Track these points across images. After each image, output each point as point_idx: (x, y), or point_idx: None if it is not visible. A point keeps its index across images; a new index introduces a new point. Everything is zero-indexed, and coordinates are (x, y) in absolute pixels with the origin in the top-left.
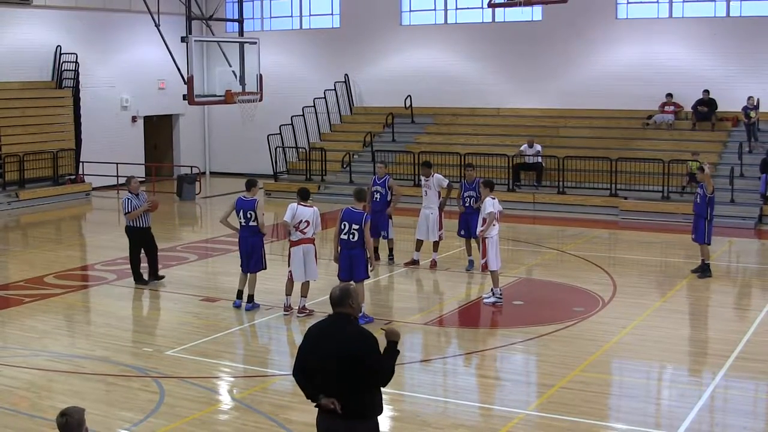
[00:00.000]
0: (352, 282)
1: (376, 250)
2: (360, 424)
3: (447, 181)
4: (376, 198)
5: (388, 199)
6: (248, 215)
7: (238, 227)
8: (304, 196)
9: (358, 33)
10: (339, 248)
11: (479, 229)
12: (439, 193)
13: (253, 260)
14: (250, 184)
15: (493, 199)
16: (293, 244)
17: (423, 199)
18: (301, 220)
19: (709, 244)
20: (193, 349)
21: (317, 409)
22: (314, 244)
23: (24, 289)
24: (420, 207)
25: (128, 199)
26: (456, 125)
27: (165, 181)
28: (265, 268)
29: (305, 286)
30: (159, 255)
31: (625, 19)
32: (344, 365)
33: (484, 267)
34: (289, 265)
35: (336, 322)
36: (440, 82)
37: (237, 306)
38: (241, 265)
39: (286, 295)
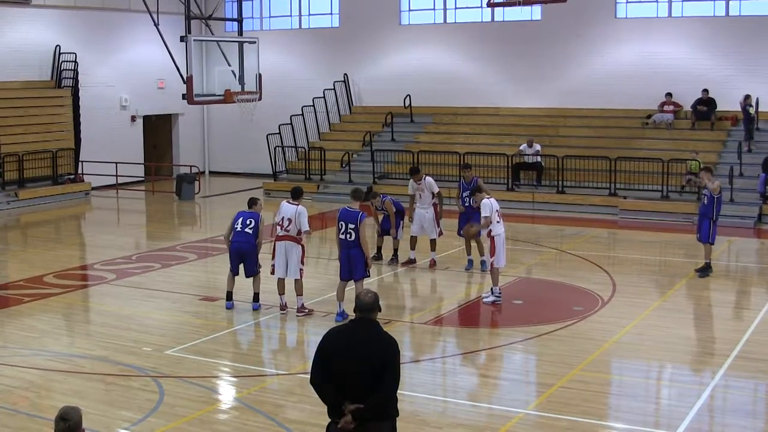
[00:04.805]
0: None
1: (380, 249)
2: (384, 424)
3: (437, 188)
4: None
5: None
6: (247, 222)
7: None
8: (293, 194)
9: (357, 32)
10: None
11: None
12: (432, 194)
13: (247, 265)
14: (252, 202)
15: (489, 198)
16: (277, 239)
17: (417, 201)
18: (283, 217)
19: (712, 243)
20: (193, 348)
21: (330, 415)
22: (299, 244)
23: (24, 288)
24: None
25: None
26: (455, 125)
27: (164, 180)
28: (260, 268)
29: (298, 284)
30: (158, 254)
31: (625, 18)
32: (380, 368)
33: (492, 265)
34: (272, 258)
35: (365, 327)
36: (439, 81)
37: (229, 308)
38: (231, 269)
39: (279, 294)
